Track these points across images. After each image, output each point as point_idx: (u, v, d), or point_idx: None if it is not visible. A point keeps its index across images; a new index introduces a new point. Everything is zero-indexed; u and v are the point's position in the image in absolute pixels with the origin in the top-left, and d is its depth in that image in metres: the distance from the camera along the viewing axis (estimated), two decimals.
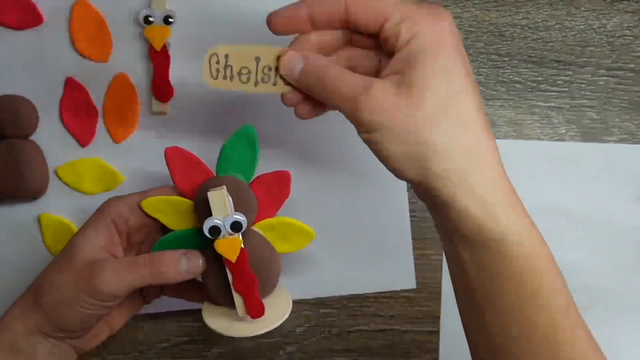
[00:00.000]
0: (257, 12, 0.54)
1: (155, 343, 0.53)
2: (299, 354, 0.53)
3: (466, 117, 0.35)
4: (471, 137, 0.35)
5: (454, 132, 0.34)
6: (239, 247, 0.43)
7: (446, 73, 0.35)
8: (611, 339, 0.52)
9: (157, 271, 0.42)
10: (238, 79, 0.41)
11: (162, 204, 0.45)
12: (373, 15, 0.36)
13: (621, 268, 0.53)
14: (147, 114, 0.53)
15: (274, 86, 0.40)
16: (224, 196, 0.42)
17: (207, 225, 0.42)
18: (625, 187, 0.53)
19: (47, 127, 0.53)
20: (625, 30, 0.54)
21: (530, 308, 0.35)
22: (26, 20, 0.53)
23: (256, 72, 0.40)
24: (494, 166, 0.35)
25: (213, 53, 0.41)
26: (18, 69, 0.53)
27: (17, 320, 0.42)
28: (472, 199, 0.34)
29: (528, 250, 0.35)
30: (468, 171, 0.34)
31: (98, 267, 0.41)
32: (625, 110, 0.54)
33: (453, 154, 0.34)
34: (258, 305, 0.44)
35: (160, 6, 0.52)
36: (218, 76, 0.41)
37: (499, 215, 0.34)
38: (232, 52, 0.40)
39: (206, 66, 0.41)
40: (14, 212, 0.53)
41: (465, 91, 0.35)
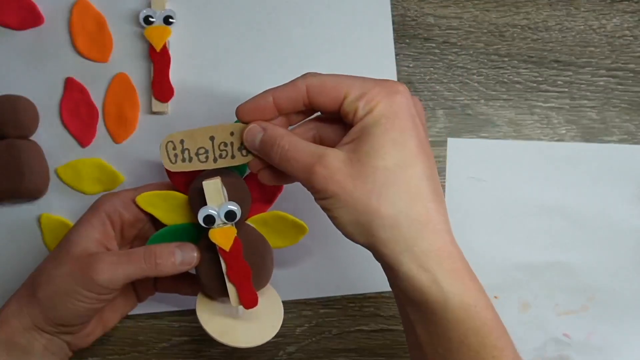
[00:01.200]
0: (256, 12, 0.54)
1: (155, 343, 0.53)
2: (299, 354, 0.53)
3: (414, 188, 0.37)
4: (418, 206, 0.36)
5: (400, 202, 0.36)
6: (233, 236, 0.43)
7: (396, 145, 0.37)
8: (611, 339, 0.52)
9: (153, 263, 0.43)
10: (197, 159, 0.42)
11: (156, 199, 0.45)
12: (332, 97, 0.39)
13: (621, 268, 0.53)
14: (147, 114, 0.53)
15: (233, 159, 0.42)
16: (218, 185, 0.42)
17: (202, 214, 0.42)
18: (625, 187, 0.53)
19: (47, 127, 0.53)
20: (625, 31, 0.55)
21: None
22: (26, 20, 0.53)
23: (213, 150, 0.42)
24: (440, 234, 0.37)
25: (169, 141, 0.42)
26: (18, 69, 0.53)
27: (13, 316, 0.42)
28: (416, 266, 0.36)
29: (471, 312, 0.36)
30: (413, 239, 0.36)
31: (94, 259, 0.42)
32: (625, 111, 0.54)
33: (399, 223, 0.36)
34: (252, 295, 0.44)
35: (160, 6, 0.52)
36: (177, 160, 0.42)
37: (441, 280, 0.36)
38: (187, 136, 0.42)
39: (164, 153, 0.42)
40: (14, 212, 0.53)
41: (415, 163, 0.37)
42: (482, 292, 0.37)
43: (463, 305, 0.36)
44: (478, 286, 0.37)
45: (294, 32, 0.54)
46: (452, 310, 0.36)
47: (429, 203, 0.37)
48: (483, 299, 0.37)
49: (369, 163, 0.36)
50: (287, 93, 0.40)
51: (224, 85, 0.53)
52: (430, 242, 0.36)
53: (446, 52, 0.54)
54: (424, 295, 0.36)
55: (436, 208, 0.37)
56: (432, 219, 0.37)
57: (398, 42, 0.54)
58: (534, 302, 0.53)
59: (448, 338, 0.36)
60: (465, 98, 0.54)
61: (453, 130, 0.54)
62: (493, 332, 0.37)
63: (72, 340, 0.45)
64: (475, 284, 0.37)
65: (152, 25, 0.52)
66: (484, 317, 0.37)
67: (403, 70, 0.54)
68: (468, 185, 0.53)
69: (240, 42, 0.54)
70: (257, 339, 0.45)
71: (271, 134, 0.40)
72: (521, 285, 0.53)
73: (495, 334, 0.37)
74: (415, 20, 0.54)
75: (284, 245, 0.46)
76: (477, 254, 0.53)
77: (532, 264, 0.53)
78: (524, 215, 0.53)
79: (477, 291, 0.37)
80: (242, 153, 0.42)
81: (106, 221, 0.45)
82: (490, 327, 0.37)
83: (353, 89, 0.38)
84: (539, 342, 0.52)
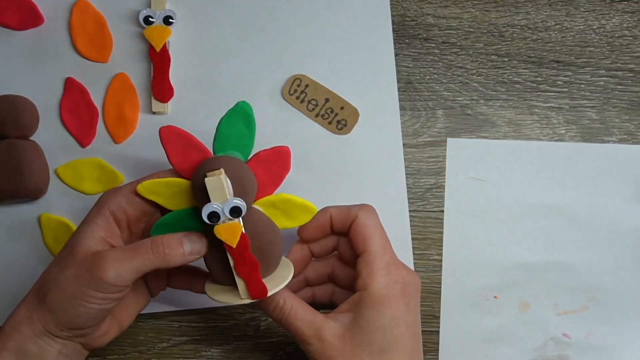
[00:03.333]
0: (256, 12, 0.54)
1: (155, 343, 0.53)
2: (299, 354, 0.53)
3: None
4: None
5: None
6: (239, 233, 0.42)
7: (384, 331, 0.42)
8: (611, 339, 0.52)
9: (161, 253, 0.42)
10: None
11: (158, 186, 0.44)
12: (360, 242, 0.44)
13: (621, 268, 0.53)
14: (147, 114, 0.53)
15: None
16: (221, 180, 0.41)
17: (206, 211, 0.41)
18: (625, 187, 0.53)
19: (47, 127, 0.53)
20: (625, 31, 0.55)
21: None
22: (26, 20, 0.53)
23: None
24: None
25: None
26: (18, 69, 0.53)
27: (23, 323, 0.42)
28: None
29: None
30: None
31: (99, 258, 0.41)
32: (624, 111, 0.54)
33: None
34: (260, 287, 0.43)
35: (160, 6, 0.52)
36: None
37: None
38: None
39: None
40: (14, 212, 0.53)
41: (398, 348, 0.42)
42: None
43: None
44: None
45: (294, 32, 0.54)
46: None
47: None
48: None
49: (358, 344, 0.42)
50: (342, 216, 0.45)
51: (224, 85, 0.53)
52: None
53: (446, 52, 0.54)
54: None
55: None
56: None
57: (398, 42, 0.54)
58: (533, 302, 0.53)
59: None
60: (465, 98, 0.54)
61: (453, 130, 0.54)
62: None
63: (87, 342, 0.44)
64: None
65: (152, 26, 0.52)
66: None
67: (402, 70, 0.54)
68: (468, 185, 0.53)
69: (240, 42, 0.54)
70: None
71: (288, 303, 0.44)
72: (521, 285, 0.53)
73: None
74: (415, 20, 0.54)
75: (293, 226, 0.46)
76: (477, 254, 0.53)
77: (532, 264, 0.53)
78: (524, 215, 0.53)
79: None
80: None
81: (110, 218, 0.44)
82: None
83: (368, 253, 0.44)
84: (539, 342, 0.52)
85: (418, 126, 0.54)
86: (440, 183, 0.53)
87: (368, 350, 0.42)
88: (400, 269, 0.44)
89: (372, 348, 0.42)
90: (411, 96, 0.54)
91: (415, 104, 0.54)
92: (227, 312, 0.53)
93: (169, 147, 0.43)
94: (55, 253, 0.52)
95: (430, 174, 0.53)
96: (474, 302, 0.52)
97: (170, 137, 0.43)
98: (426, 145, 0.54)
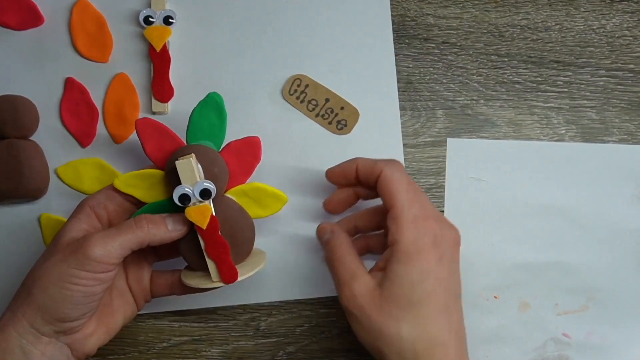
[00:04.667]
0: (256, 12, 0.54)
1: (155, 343, 0.53)
2: (299, 354, 0.53)
3: (423, 323, 0.41)
4: (424, 341, 0.41)
5: (407, 336, 0.41)
6: (209, 214, 0.44)
7: (413, 286, 0.41)
8: (611, 339, 0.52)
9: (145, 228, 0.43)
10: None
11: (135, 180, 0.45)
12: (386, 197, 0.44)
13: (621, 268, 0.53)
14: (147, 114, 0.53)
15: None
16: (192, 164, 0.43)
17: (177, 193, 0.43)
18: (625, 187, 0.53)
19: (47, 127, 0.53)
20: (625, 31, 0.55)
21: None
22: (26, 20, 0.53)
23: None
24: (449, 357, 0.41)
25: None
26: (18, 69, 0.53)
27: (8, 324, 0.41)
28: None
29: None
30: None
31: (84, 239, 0.42)
32: (624, 111, 0.54)
33: (403, 353, 0.41)
34: (231, 270, 0.45)
35: (160, 6, 0.52)
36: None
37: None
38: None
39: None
40: (14, 212, 0.53)
41: (427, 303, 0.41)
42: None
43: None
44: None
45: (294, 32, 0.54)
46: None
47: (436, 338, 0.41)
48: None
49: (387, 297, 0.41)
50: (367, 169, 0.45)
51: (224, 85, 0.53)
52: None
53: (446, 52, 0.54)
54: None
55: (443, 342, 0.41)
56: (437, 353, 0.41)
57: (398, 42, 0.54)
58: (533, 302, 0.53)
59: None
60: (465, 98, 0.54)
61: (453, 130, 0.54)
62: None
63: (73, 344, 0.43)
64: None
65: (152, 26, 0.52)
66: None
67: (402, 70, 0.54)
68: (468, 185, 0.53)
69: (240, 42, 0.54)
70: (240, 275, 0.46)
71: (333, 240, 0.46)
72: (521, 285, 0.53)
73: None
74: (415, 20, 0.54)
75: (265, 215, 0.47)
76: (477, 254, 0.53)
77: (532, 264, 0.53)
78: (524, 215, 0.53)
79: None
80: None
81: (91, 214, 0.45)
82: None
83: (395, 209, 0.43)
84: (539, 342, 0.52)
85: (418, 126, 0.54)
86: (440, 183, 0.53)
87: (397, 303, 0.41)
88: (432, 221, 0.43)
89: (400, 302, 0.41)
90: (411, 96, 0.54)
91: (415, 104, 0.54)
92: (227, 312, 0.53)
93: (145, 138, 0.45)
94: None
95: (430, 174, 0.53)
96: (474, 302, 0.52)
97: (146, 129, 0.45)
98: (426, 145, 0.54)
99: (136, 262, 0.48)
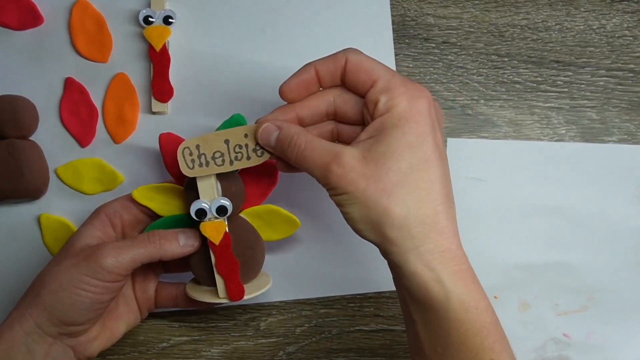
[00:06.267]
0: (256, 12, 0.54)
1: (155, 343, 0.53)
2: (299, 354, 0.53)
3: (425, 190, 0.38)
4: (427, 208, 0.38)
5: (410, 203, 0.37)
6: (224, 230, 0.45)
7: (411, 148, 0.38)
8: (611, 339, 0.52)
9: (158, 244, 0.43)
10: (214, 163, 0.43)
11: (152, 192, 0.46)
12: (363, 80, 0.40)
13: (621, 268, 0.53)
14: (147, 114, 0.53)
15: (249, 160, 0.43)
16: (212, 180, 0.44)
17: (194, 207, 0.44)
18: (625, 187, 0.53)
19: (47, 127, 0.53)
20: (625, 31, 0.55)
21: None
22: (26, 20, 0.53)
23: (228, 153, 0.43)
24: (447, 236, 0.38)
25: (185, 147, 0.43)
26: (18, 69, 0.53)
27: (15, 323, 0.42)
28: (421, 264, 0.37)
29: (472, 314, 0.37)
30: (420, 239, 0.37)
31: (97, 247, 0.42)
32: (624, 111, 0.54)
33: (407, 223, 0.37)
34: (238, 288, 0.45)
35: (160, 6, 0.52)
36: (194, 166, 0.43)
37: (444, 280, 0.37)
38: (202, 141, 0.43)
39: (181, 159, 0.43)
40: (14, 212, 0.53)
41: (428, 167, 0.38)
42: (483, 295, 0.38)
43: (464, 305, 0.37)
44: (480, 289, 0.38)
45: (294, 32, 0.54)
46: (453, 310, 0.37)
47: (439, 205, 0.38)
48: (484, 302, 0.38)
49: (383, 164, 0.38)
50: (328, 66, 0.41)
51: (223, 85, 0.53)
52: (437, 243, 0.37)
53: (446, 52, 0.54)
54: (427, 294, 0.37)
55: (445, 211, 0.38)
56: (440, 221, 0.38)
57: (398, 42, 0.54)
58: (534, 302, 0.53)
59: (448, 337, 0.37)
60: (465, 98, 0.54)
61: (453, 131, 0.54)
62: (492, 334, 0.37)
63: (77, 346, 0.44)
64: (478, 287, 0.38)
65: (151, 25, 0.52)
66: (484, 320, 0.37)
67: (403, 70, 0.54)
68: (468, 185, 0.53)
69: (240, 42, 0.54)
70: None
71: (287, 132, 0.41)
72: (521, 285, 0.53)
73: (494, 337, 0.38)
74: (415, 20, 0.54)
75: (276, 238, 0.47)
76: (477, 254, 0.52)
77: (532, 264, 0.53)
78: (524, 215, 0.53)
79: (479, 293, 0.38)
80: (257, 153, 0.43)
81: (106, 221, 0.45)
82: (490, 330, 0.37)
83: (381, 80, 0.39)
84: (539, 342, 0.52)
85: None
86: None
87: (396, 168, 0.37)
88: (420, 85, 0.40)
89: (399, 165, 0.37)
90: None
91: None
92: (227, 312, 0.53)
93: (166, 152, 0.46)
94: (55, 253, 0.52)
95: None
96: None
97: (168, 144, 0.46)
98: None
99: (144, 273, 0.48)
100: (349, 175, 0.38)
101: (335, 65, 0.41)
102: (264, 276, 0.48)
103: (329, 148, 0.39)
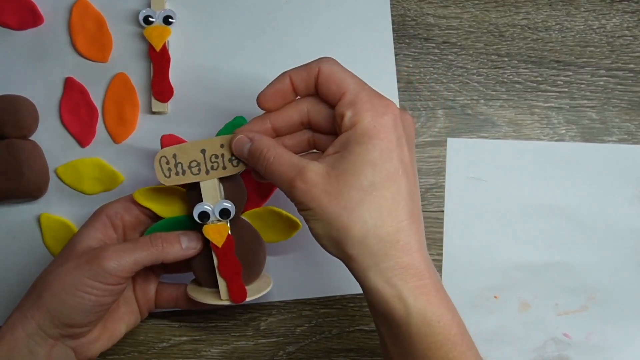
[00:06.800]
0: (256, 12, 0.54)
1: (155, 343, 0.53)
2: (299, 354, 0.53)
3: (386, 208, 0.38)
4: (388, 225, 0.37)
5: (370, 221, 0.37)
6: (226, 233, 0.45)
7: (374, 166, 0.38)
8: (611, 339, 0.52)
9: (160, 246, 0.44)
10: (190, 172, 0.44)
11: (154, 194, 0.46)
12: (333, 91, 0.40)
13: (621, 268, 0.53)
14: (147, 113, 0.53)
15: (224, 170, 0.44)
16: (215, 183, 0.44)
17: (197, 210, 0.44)
18: (625, 187, 0.53)
19: (47, 127, 0.53)
20: (625, 31, 0.55)
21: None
22: (26, 20, 0.53)
23: (205, 162, 0.44)
24: (408, 252, 0.38)
25: (161, 156, 0.44)
26: (18, 69, 0.53)
27: (17, 324, 0.42)
28: (382, 281, 0.37)
29: (435, 327, 0.37)
30: (380, 256, 0.37)
31: (100, 249, 0.43)
32: (624, 111, 0.54)
33: (367, 240, 0.37)
34: (241, 290, 0.45)
35: (160, 6, 0.52)
36: (171, 174, 0.44)
37: (405, 295, 0.37)
38: (179, 150, 0.44)
39: (158, 168, 0.44)
40: (14, 212, 0.53)
41: (389, 185, 0.38)
42: (448, 308, 0.38)
43: (426, 320, 0.37)
44: (445, 302, 0.38)
45: (294, 32, 0.54)
46: (415, 324, 0.37)
47: (403, 222, 0.38)
48: (448, 315, 0.38)
49: (345, 181, 0.38)
50: (302, 75, 0.41)
51: (223, 85, 0.53)
52: (397, 259, 0.37)
53: (446, 52, 0.54)
54: (389, 309, 0.37)
55: (408, 227, 0.38)
56: (402, 238, 0.38)
57: (398, 42, 0.54)
58: (534, 302, 0.53)
59: (413, 351, 0.38)
60: (465, 98, 0.54)
61: (453, 130, 0.54)
62: (457, 346, 0.38)
63: (78, 348, 0.44)
64: (442, 300, 0.38)
65: (151, 25, 0.52)
66: (448, 332, 0.38)
67: (403, 70, 0.54)
68: (468, 185, 0.53)
69: (240, 42, 0.54)
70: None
71: (258, 145, 0.41)
72: (521, 285, 0.53)
73: (460, 349, 0.38)
74: (415, 20, 0.54)
75: (277, 239, 0.47)
76: (477, 254, 0.53)
77: (532, 264, 0.53)
78: (524, 215, 0.53)
79: (442, 307, 0.38)
80: (233, 163, 0.43)
81: (107, 223, 0.45)
82: (455, 342, 0.38)
83: (349, 93, 0.40)
84: (539, 342, 0.52)
85: (418, 126, 0.54)
86: (440, 183, 0.53)
87: (357, 185, 0.37)
88: (387, 100, 0.40)
89: (361, 183, 0.37)
90: (411, 96, 0.54)
91: (415, 104, 0.54)
92: (227, 312, 0.53)
93: None
94: (55, 253, 0.52)
95: (430, 174, 0.53)
96: (474, 302, 0.52)
97: (171, 144, 0.45)
98: (426, 145, 0.54)
99: (145, 274, 0.48)
100: (312, 192, 0.38)
101: (309, 74, 0.41)
102: (265, 277, 0.48)
103: (296, 163, 0.39)
